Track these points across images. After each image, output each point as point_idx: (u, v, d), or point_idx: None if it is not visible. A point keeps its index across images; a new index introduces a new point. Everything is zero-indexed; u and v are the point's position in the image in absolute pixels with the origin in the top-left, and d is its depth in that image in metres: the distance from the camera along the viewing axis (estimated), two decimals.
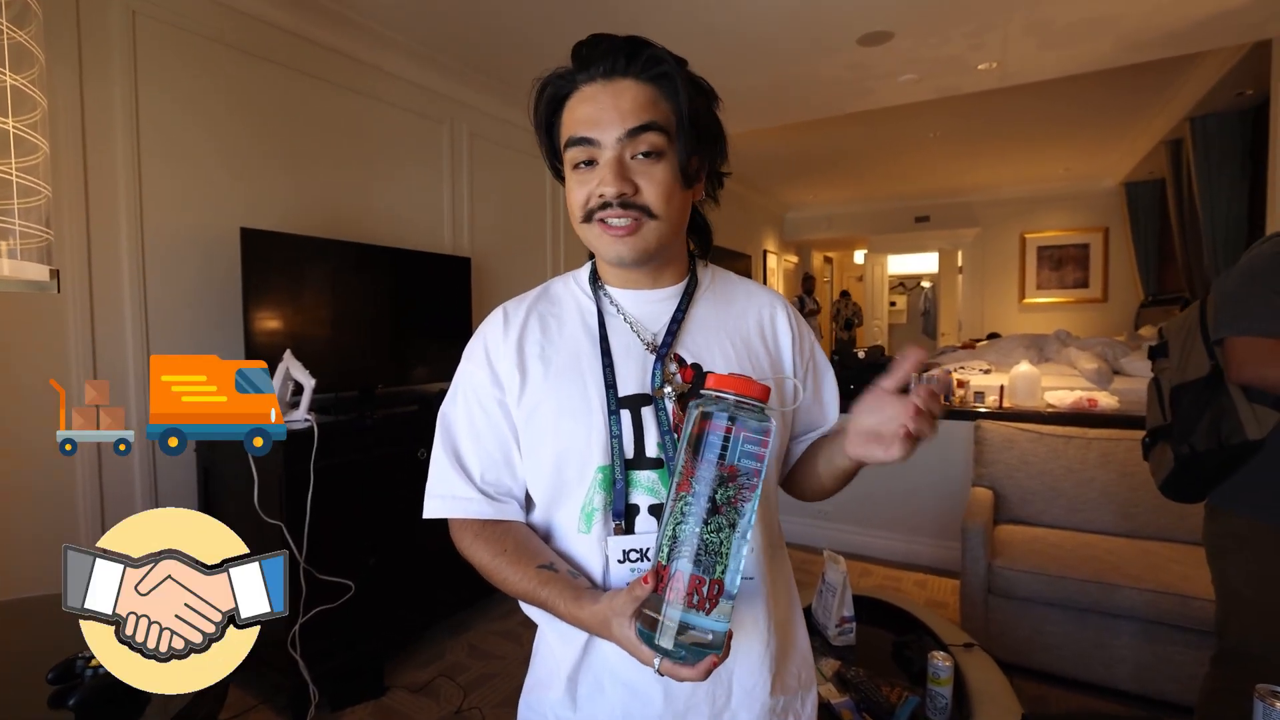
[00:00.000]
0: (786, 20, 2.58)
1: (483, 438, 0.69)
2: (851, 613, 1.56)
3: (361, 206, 2.65)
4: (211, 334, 2.14)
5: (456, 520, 0.69)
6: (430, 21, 2.54)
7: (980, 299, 7.16)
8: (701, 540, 0.50)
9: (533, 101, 0.68)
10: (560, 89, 0.66)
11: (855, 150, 5.35)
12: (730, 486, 0.50)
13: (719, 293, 0.75)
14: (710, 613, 0.50)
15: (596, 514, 0.64)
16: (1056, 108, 4.19)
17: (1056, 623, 1.97)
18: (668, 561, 0.51)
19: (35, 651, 0.96)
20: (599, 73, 0.63)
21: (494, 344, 0.70)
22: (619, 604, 0.54)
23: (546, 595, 0.61)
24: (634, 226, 0.63)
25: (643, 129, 0.62)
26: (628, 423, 0.64)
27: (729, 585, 0.51)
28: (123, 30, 1.91)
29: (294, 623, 1.78)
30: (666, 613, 0.50)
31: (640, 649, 0.52)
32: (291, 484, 1.79)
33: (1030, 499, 2.38)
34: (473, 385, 0.70)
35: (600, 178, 0.62)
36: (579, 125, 0.63)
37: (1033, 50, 2.89)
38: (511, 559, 0.64)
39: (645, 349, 0.68)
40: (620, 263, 0.66)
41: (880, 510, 3.08)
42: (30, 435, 1.76)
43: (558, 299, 0.74)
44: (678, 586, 0.50)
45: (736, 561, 0.51)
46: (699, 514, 0.50)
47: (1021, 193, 6.80)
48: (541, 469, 0.67)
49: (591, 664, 0.65)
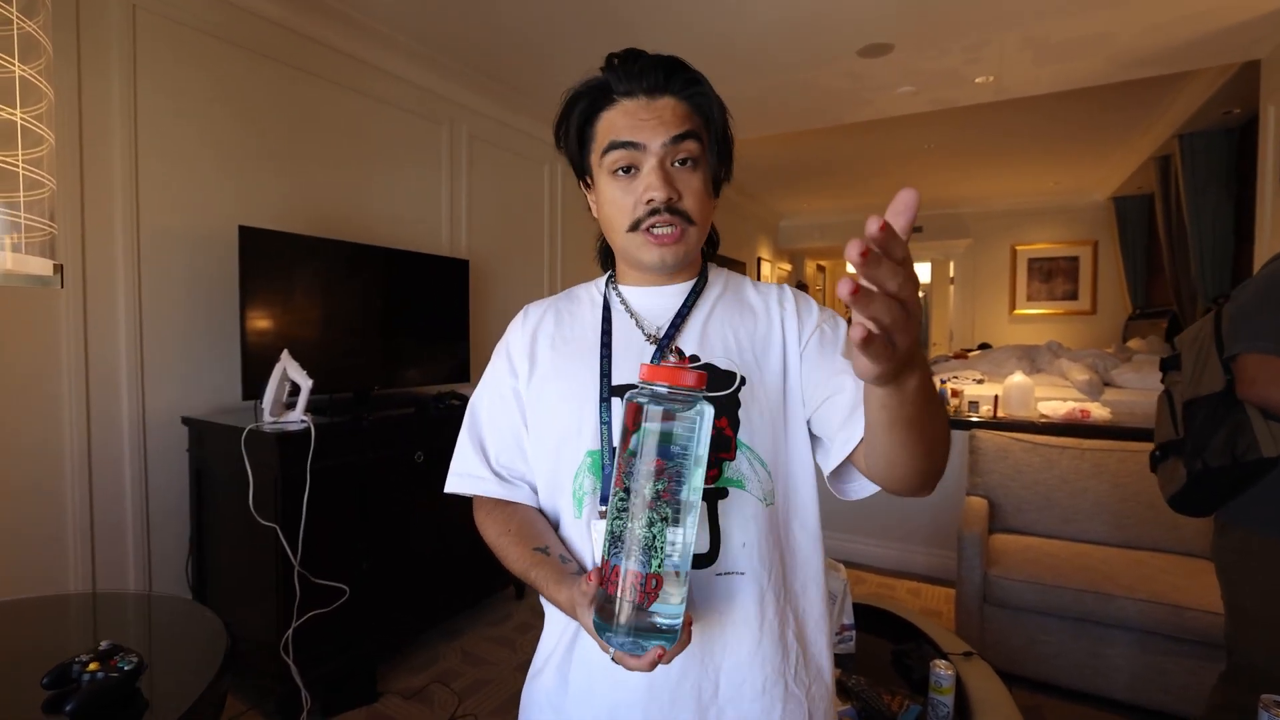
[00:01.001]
0: (788, 31, 2.60)
1: (499, 423, 0.75)
2: (852, 620, 1.56)
3: (360, 207, 2.63)
4: (207, 332, 2.11)
5: (477, 498, 0.76)
6: (432, 22, 2.53)
7: (972, 309, 7.23)
8: (636, 536, 0.50)
9: (563, 110, 0.70)
10: (597, 102, 0.68)
11: (850, 160, 5.39)
12: (660, 480, 0.50)
13: (731, 291, 0.77)
14: (650, 606, 0.50)
15: (586, 498, 0.67)
16: (1049, 122, 4.25)
17: (1051, 632, 1.98)
18: (608, 557, 0.52)
19: (29, 654, 0.94)
20: (641, 89, 0.66)
21: (514, 337, 0.77)
22: (580, 592, 0.56)
23: (536, 576, 0.65)
24: (678, 234, 0.67)
25: (683, 137, 0.66)
26: (619, 410, 0.66)
27: (669, 579, 0.51)
28: (123, 24, 1.89)
29: (287, 627, 1.75)
30: (615, 607, 0.51)
31: (598, 639, 0.54)
32: (287, 486, 1.77)
33: (1024, 508, 2.39)
34: (495, 375, 0.77)
35: (647, 183, 0.65)
36: (623, 131, 0.66)
37: (1028, 65, 2.93)
38: (514, 539, 0.69)
39: (645, 340, 0.71)
40: (663, 267, 0.69)
41: (873, 518, 3.09)
42: (20, 434, 1.73)
43: (576, 298, 0.79)
44: (618, 581, 0.51)
45: (678, 553, 0.51)
46: (633, 510, 0.50)
47: (1013, 205, 6.88)
48: (544, 453, 0.71)
49: (583, 654, 0.67)
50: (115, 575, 1.93)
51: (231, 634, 1.02)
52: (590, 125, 0.69)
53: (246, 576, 1.89)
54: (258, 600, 1.83)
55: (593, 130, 0.69)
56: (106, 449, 1.90)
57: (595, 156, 0.68)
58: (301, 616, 1.78)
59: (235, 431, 1.79)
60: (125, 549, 1.95)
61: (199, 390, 2.11)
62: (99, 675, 0.81)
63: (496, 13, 2.43)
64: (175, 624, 1.13)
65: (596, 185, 0.70)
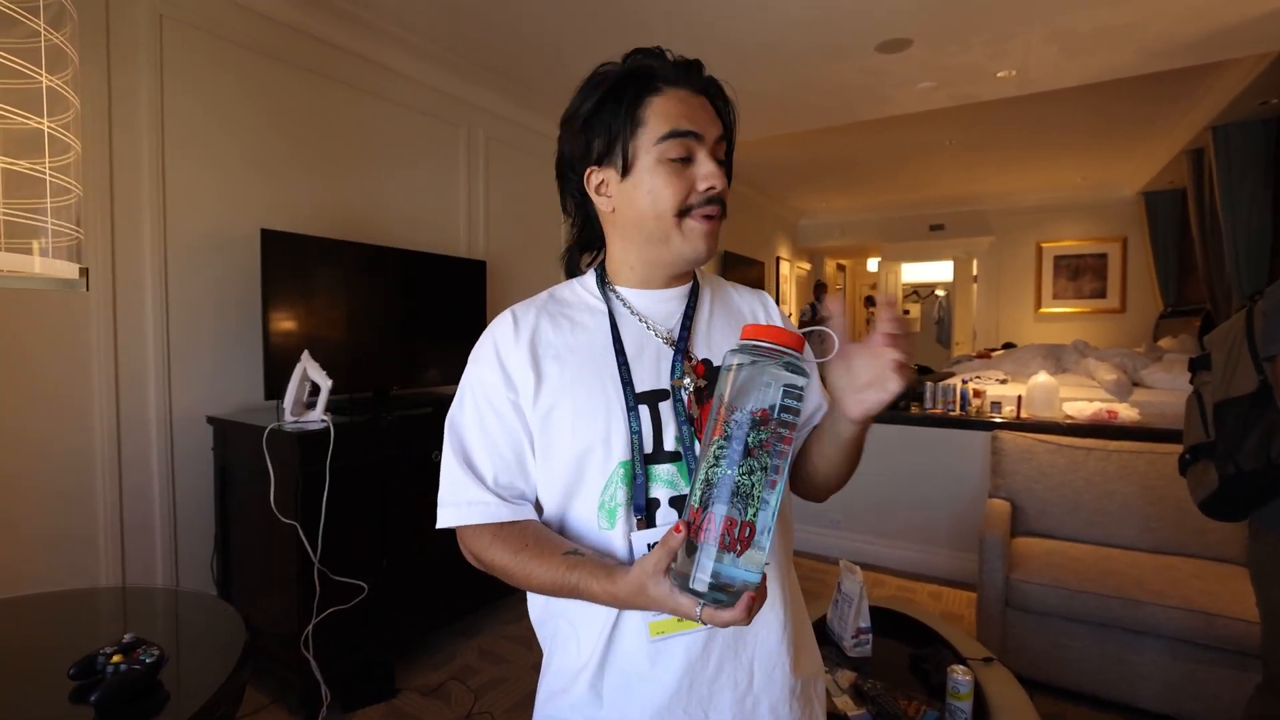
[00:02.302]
0: (804, 27, 2.57)
1: (495, 441, 0.68)
2: (868, 624, 1.54)
3: (379, 209, 2.67)
4: (231, 333, 2.16)
5: (469, 526, 0.68)
6: (449, 26, 2.56)
7: (995, 308, 7.09)
8: (735, 482, 0.51)
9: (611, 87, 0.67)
10: (643, 86, 0.67)
11: (869, 157, 5.32)
12: (763, 430, 0.52)
13: (717, 294, 0.79)
14: (742, 555, 0.51)
15: (619, 509, 0.64)
16: (1074, 116, 4.15)
17: (1076, 638, 1.94)
18: (699, 505, 0.52)
19: (58, 645, 0.97)
20: (686, 82, 0.67)
21: (505, 346, 0.69)
22: (651, 562, 0.54)
23: (577, 579, 0.60)
24: (718, 223, 0.69)
25: (723, 137, 0.69)
26: (646, 418, 0.66)
27: (760, 531, 0.52)
28: (150, 33, 1.94)
29: (307, 623, 1.79)
30: (700, 560, 0.51)
31: (680, 601, 0.53)
32: (307, 484, 1.80)
33: (1049, 511, 2.34)
34: (484, 388, 0.69)
35: (707, 170, 0.66)
36: (682, 120, 0.66)
37: (1053, 58, 2.87)
38: (534, 553, 0.64)
39: (661, 343, 0.70)
40: (707, 255, 0.69)
41: (894, 519, 3.04)
42: (53, 433, 1.79)
43: (567, 301, 0.75)
44: (710, 528, 0.51)
45: (769, 510, 0.52)
46: (733, 457, 0.51)
47: (1038, 201, 6.74)
48: (558, 469, 0.67)
49: (615, 662, 0.66)
50: (144, 570, 1.98)
51: (251, 629, 1.04)
52: (637, 110, 0.66)
53: (268, 573, 1.93)
54: (279, 596, 1.86)
55: (643, 114, 0.66)
56: (135, 447, 1.96)
57: (644, 142, 0.66)
58: (321, 613, 1.81)
59: (257, 431, 1.83)
60: (153, 545, 2.01)
61: (223, 390, 2.15)
62: (122, 667, 0.84)
63: (513, 16, 2.45)
64: (197, 618, 1.16)
65: (635, 173, 0.66)
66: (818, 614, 1.71)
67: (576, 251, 0.80)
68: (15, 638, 1.04)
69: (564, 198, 0.77)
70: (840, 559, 1.73)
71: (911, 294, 9.42)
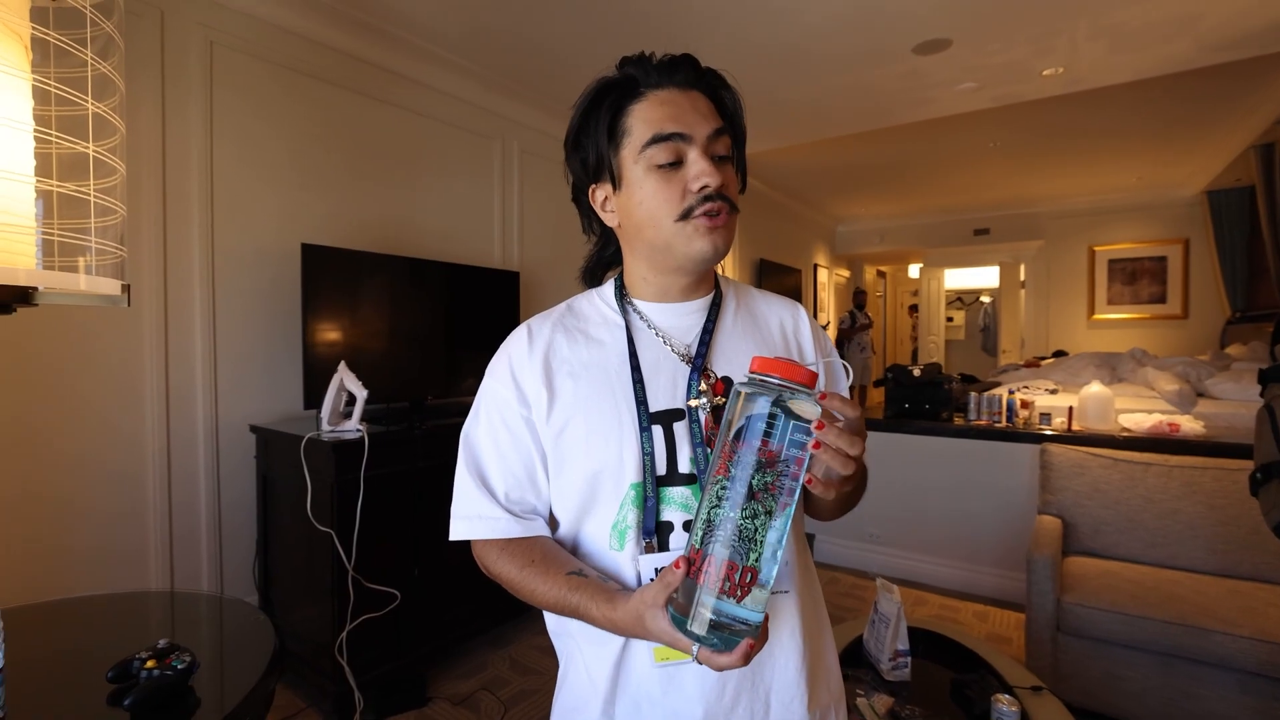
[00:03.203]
0: (839, 31, 2.53)
1: (507, 457, 0.68)
2: (906, 646, 1.47)
3: (415, 222, 2.73)
4: (273, 345, 2.23)
5: (479, 541, 0.69)
6: (481, 42, 2.61)
7: (1045, 315, 6.81)
8: (736, 526, 0.49)
9: (588, 105, 0.66)
10: (624, 95, 0.65)
11: (909, 161, 5.20)
12: (769, 472, 0.49)
13: (743, 304, 0.75)
14: (742, 600, 0.49)
15: (629, 532, 0.63)
16: (1128, 113, 3.96)
17: (1136, 667, 1.81)
18: (700, 545, 0.50)
19: (101, 648, 1.01)
20: (673, 82, 0.64)
21: (520, 361, 0.68)
22: (650, 595, 0.53)
23: (578, 601, 0.59)
24: (725, 219, 0.64)
25: (720, 132, 0.64)
26: (660, 439, 0.64)
27: (764, 575, 0.49)
28: (201, 58, 2.04)
29: (342, 629, 1.82)
30: (700, 599, 0.49)
31: (678, 638, 0.51)
32: (342, 493, 1.84)
33: (1103, 530, 2.21)
34: (497, 404, 0.69)
35: (698, 169, 0.62)
36: (666, 123, 0.62)
37: (1103, 54, 2.74)
38: (540, 569, 0.63)
39: (679, 361, 0.68)
40: (715, 256, 0.65)
41: (936, 535, 2.93)
42: (107, 439, 1.87)
43: (583, 315, 0.73)
44: (710, 571, 0.49)
45: (772, 551, 0.49)
46: (735, 499, 0.49)
47: (1090, 204, 6.46)
48: (571, 488, 0.66)
49: (627, 687, 0.64)
50: (190, 575, 2.06)
51: (280, 636, 1.06)
52: (620, 120, 0.64)
53: (305, 579, 1.98)
54: (315, 602, 1.90)
55: (624, 125, 0.64)
56: (184, 455, 2.04)
57: (630, 152, 0.64)
58: (355, 620, 1.84)
59: (295, 439, 1.88)
60: (200, 550, 2.08)
61: (266, 400, 2.23)
62: (155, 673, 0.86)
63: (542, 31, 2.49)
64: (231, 624, 1.18)
65: (626, 184, 0.65)
66: (855, 634, 1.64)
67: (598, 269, 0.78)
68: (64, 639, 1.08)
69: (584, 220, 0.76)
70: (878, 576, 1.67)
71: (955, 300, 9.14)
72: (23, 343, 1.72)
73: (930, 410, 3.01)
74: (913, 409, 3.05)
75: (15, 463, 1.71)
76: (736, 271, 5.53)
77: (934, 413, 3.00)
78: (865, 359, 6.98)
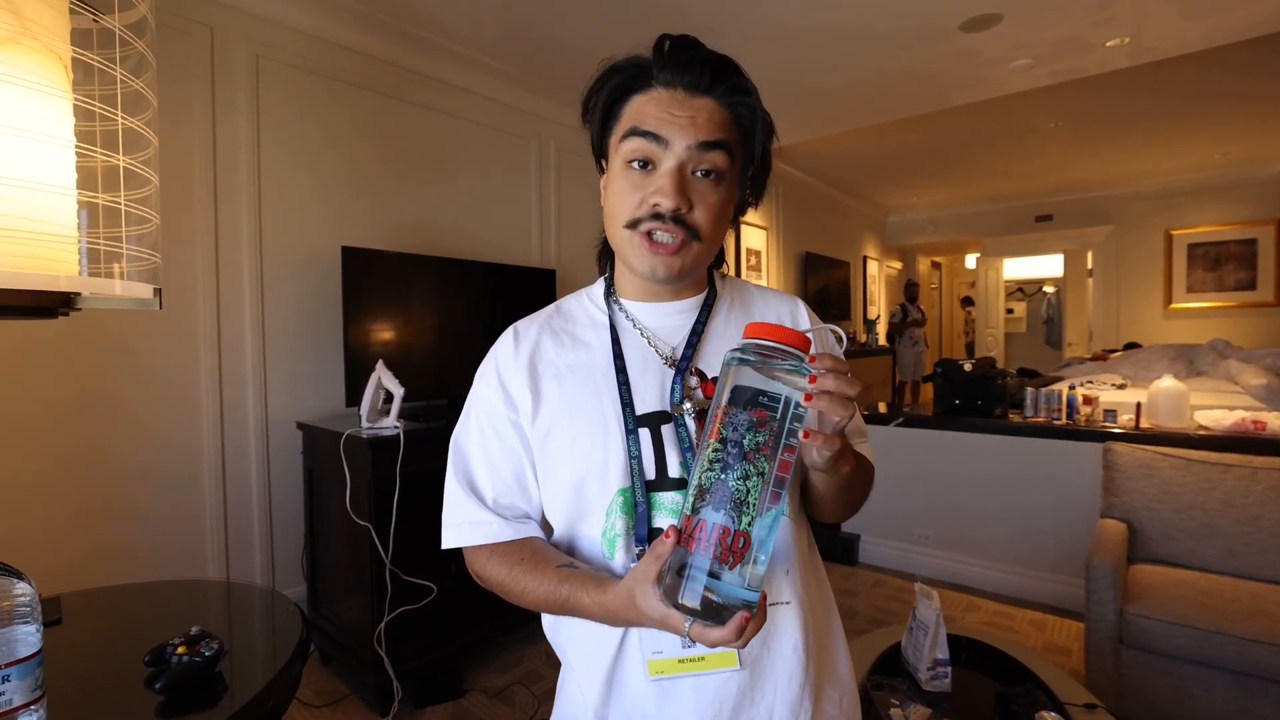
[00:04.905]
0: (879, 11, 2.43)
1: (495, 462, 0.67)
2: (946, 655, 1.40)
3: (454, 222, 2.79)
4: (316, 344, 2.32)
5: (470, 547, 0.67)
6: (516, 43, 2.64)
7: (1115, 304, 6.38)
8: (730, 489, 0.47)
9: (596, 80, 0.64)
10: (633, 80, 0.62)
11: (962, 146, 4.96)
12: (761, 432, 0.48)
13: (737, 302, 0.72)
14: (735, 568, 0.47)
15: (619, 539, 0.60)
16: (1207, 83, 3.65)
17: (1211, 687, 1.67)
18: (692, 512, 0.49)
19: (143, 632, 1.06)
20: (682, 83, 0.60)
21: (505, 364, 0.68)
22: (642, 569, 0.51)
23: (568, 592, 0.57)
24: (677, 246, 0.60)
25: (713, 145, 0.59)
26: (647, 442, 0.61)
27: (755, 542, 0.47)
28: (248, 73, 2.14)
29: (380, 620, 1.87)
30: (691, 568, 0.47)
31: (669, 616, 0.49)
32: (379, 488, 1.89)
33: (1175, 536, 2.04)
34: (485, 408, 0.68)
35: (658, 186, 0.59)
36: (649, 120, 0.59)
37: (1173, 20, 2.53)
38: (529, 566, 0.61)
39: (664, 363, 0.65)
40: (653, 278, 0.62)
41: (989, 537, 2.78)
42: (166, 433, 1.99)
43: (571, 315, 0.71)
44: (701, 536, 0.47)
45: (764, 522, 0.48)
46: (727, 461, 0.48)
47: (1165, 184, 6.01)
48: (559, 492, 0.64)
49: (620, 702, 0.61)
50: (245, 564, 2.17)
51: (326, 626, 1.09)
52: (619, 104, 0.63)
53: (347, 571, 2.05)
54: (356, 594, 1.97)
55: (619, 110, 0.62)
56: (237, 450, 2.15)
57: (614, 139, 0.63)
58: (392, 611, 1.89)
59: (335, 436, 1.94)
60: (253, 541, 2.19)
61: (312, 397, 2.32)
62: (185, 659, 0.90)
63: (577, 29, 2.49)
64: (264, 614, 1.23)
65: (609, 170, 0.64)
66: (894, 640, 1.58)
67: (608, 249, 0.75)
68: (113, 624, 1.15)
69: None
70: (917, 582, 1.59)
71: (1016, 291, 8.69)
72: (83, 353, 1.84)
73: (983, 407, 2.86)
74: (964, 405, 2.91)
75: (81, 468, 1.83)
76: (781, 266, 5.41)
77: (987, 409, 2.85)
78: (918, 354, 6.72)
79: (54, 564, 1.76)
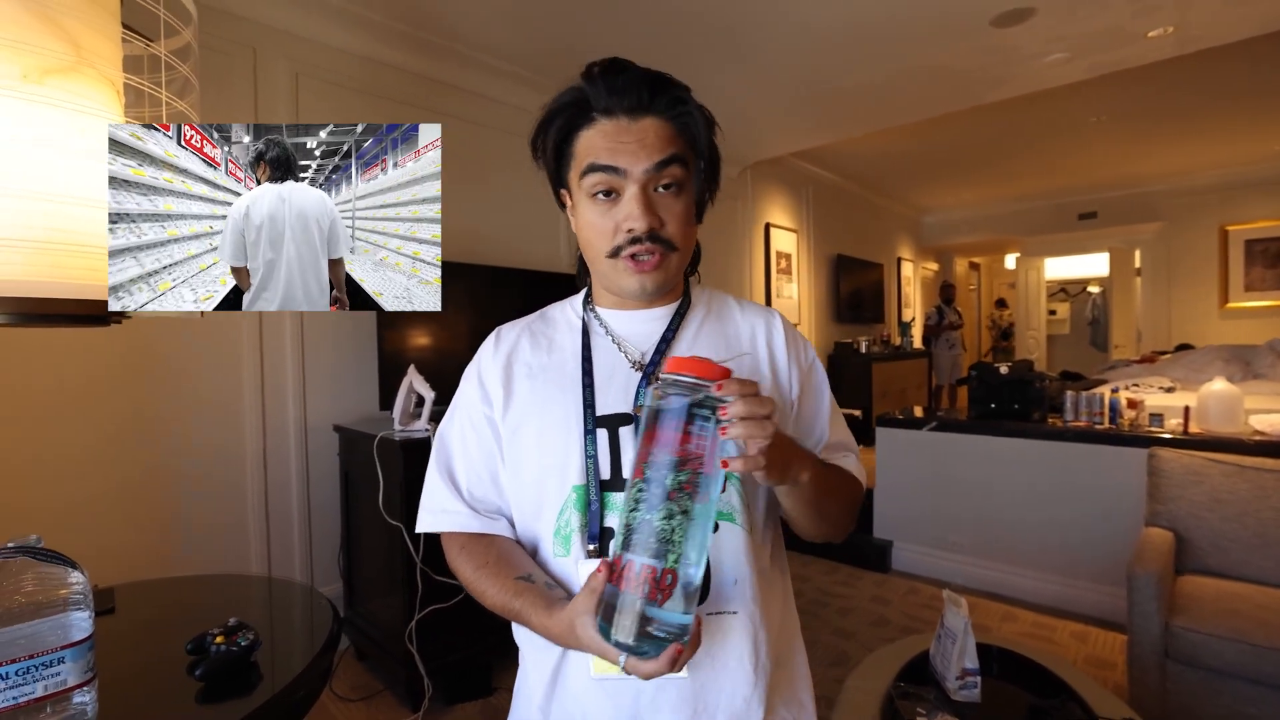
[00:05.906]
0: (906, 8, 2.39)
1: (472, 455, 0.70)
2: (975, 665, 1.36)
3: (480, 230, 2.85)
4: (352, 350, 2.40)
5: (447, 534, 0.70)
6: (542, 53, 2.69)
7: (1166, 304, 6.12)
8: (654, 528, 0.49)
9: (538, 126, 0.67)
10: (574, 118, 0.64)
11: (999, 143, 4.83)
12: (683, 472, 0.49)
13: (713, 312, 0.74)
14: (664, 604, 0.48)
15: (573, 535, 0.63)
16: (1262, 72, 3.48)
17: (1266, 705, 1.58)
18: (621, 550, 0.50)
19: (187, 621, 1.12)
20: (622, 109, 0.62)
21: (485, 363, 0.72)
22: (581, 603, 0.53)
23: (519, 606, 0.60)
24: (658, 261, 0.63)
25: (667, 162, 0.62)
26: (604, 443, 0.63)
27: (684, 576, 0.49)
28: (288, 89, 2.24)
29: (411, 618, 1.92)
30: (621, 606, 0.49)
31: (606, 648, 0.51)
32: (409, 488, 1.94)
33: (1226, 546, 1.95)
34: (466, 403, 0.72)
35: (628, 212, 0.62)
36: (601, 154, 0.62)
37: (1218, 7, 2.43)
38: (492, 571, 0.64)
39: (631, 368, 0.67)
40: (643, 294, 0.66)
41: (1026, 545, 2.69)
42: (211, 437, 2.09)
43: (552, 320, 0.75)
44: (630, 576, 0.49)
45: (695, 551, 0.49)
46: (652, 501, 0.49)
47: (1220, 178, 5.73)
48: (523, 487, 0.67)
49: (563, 699, 0.64)
50: (285, 563, 2.25)
51: (338, 618, 1.13)
52: (568, 144, 0.65)
53: (381, 570, 2.11)
54: (389, 592, 2.02)
55: (571, 149, 0.65)
56: (279, 452, 2.23)
57: (574, 176, 0.65)
58: (423, 610, 1.94)
59: (369, 438, 2.01)
60: (293, 541, 2.27)
61: (349, 401, 2.40)
62: (222, 648, 0.95)
63: (601, 37, 2.52)
64: (301, 608, 1.28)
65: (575, 204, 0.67)
66: (922, 648, 1.54)
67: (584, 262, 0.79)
68: (162, 613, 1.21)
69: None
70: (945, 589, 1.56)
71: (1059, 291, 8.40)
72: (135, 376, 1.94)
73: (1020, 410, 2.78)
74: (1000, 409, 2.83)
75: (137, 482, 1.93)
76: (811, 268, 5.36)
77: (1024, 413, 2.77)
78: (955, 356, 6.55)
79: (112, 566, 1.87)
